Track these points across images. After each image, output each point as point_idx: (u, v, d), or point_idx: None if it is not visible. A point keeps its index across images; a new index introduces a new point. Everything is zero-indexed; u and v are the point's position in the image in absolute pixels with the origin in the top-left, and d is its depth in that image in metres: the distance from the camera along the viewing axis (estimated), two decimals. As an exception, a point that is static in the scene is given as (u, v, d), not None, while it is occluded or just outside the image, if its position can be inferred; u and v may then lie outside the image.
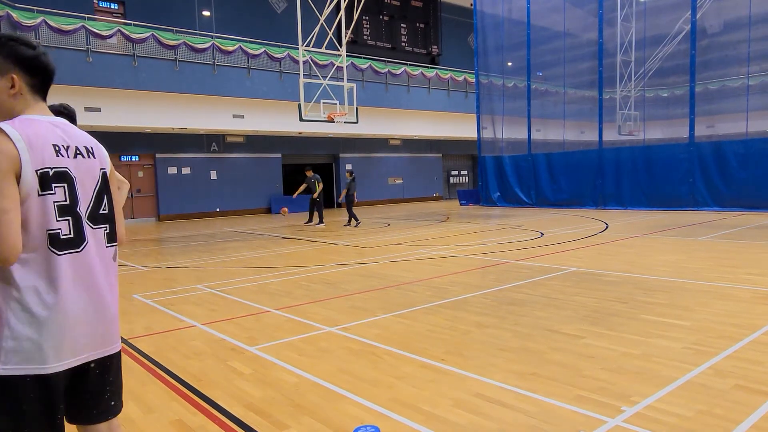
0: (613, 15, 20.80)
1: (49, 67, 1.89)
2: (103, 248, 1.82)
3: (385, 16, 26.54)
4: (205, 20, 21.31)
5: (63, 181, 1.70)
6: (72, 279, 1.71)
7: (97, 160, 1.85)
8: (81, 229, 1.74)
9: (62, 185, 1.70)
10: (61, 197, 1.69)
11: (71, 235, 1.71)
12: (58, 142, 1.74)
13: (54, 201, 1.67)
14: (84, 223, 1.76)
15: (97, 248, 1.79)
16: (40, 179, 1.63)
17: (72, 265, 1.71)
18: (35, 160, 1.63)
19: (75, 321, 1.71)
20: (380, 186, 27.57)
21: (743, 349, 3.91)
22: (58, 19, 16.11)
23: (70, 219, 1.71)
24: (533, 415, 3.00)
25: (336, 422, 3.01)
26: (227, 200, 22.40)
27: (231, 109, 20.15)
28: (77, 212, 1.74)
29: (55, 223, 1.67)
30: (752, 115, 17.74)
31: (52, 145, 1.71)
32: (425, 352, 4.12)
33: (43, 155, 1.66)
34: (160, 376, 3.86)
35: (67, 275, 1.69)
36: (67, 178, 1.72)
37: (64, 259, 1.68)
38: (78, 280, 1.72)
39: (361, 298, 6.14)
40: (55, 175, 1.68)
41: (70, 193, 1.72)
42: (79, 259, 1.73)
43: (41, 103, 1.86)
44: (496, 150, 22.69)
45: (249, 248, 11.23)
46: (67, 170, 1.72)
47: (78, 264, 1.73)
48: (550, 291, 6.09)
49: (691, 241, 9.94)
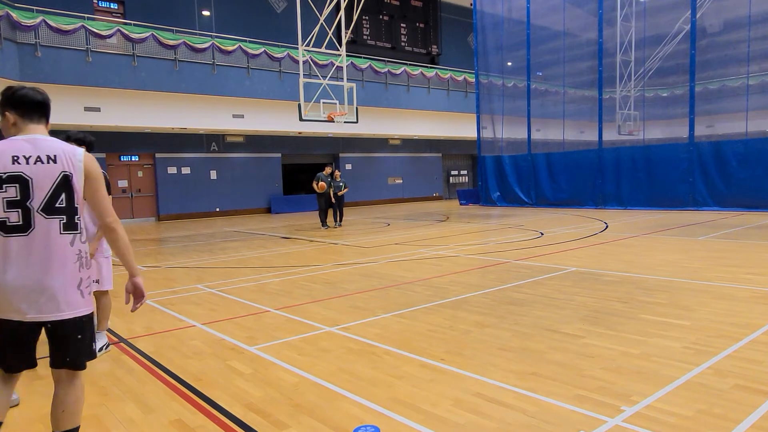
0: (613, 14, 20.80)
1: (25, 99, 2.41)
2: (57, 235, 2.32)
3: (385, 16, 26.54)
4: (204, 20, 21.30)
5: (14, 182, 2.26)
6: (16, 256, 2.27)
7: (58, 165, 2.34)
8: (30, 218, 2.28)
9: (14, 185, 2.26)
10: (12, 194, 2.26)
11: (20, 223, 2.27)
12: (19, 154, 2.30)
13: (3, 197, 2.25)
14: (34, 214, 2.29)
15: (48, 234, 2.30)
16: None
17: (19, 245, 2.27)
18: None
19: (13, 288, 2.26)
20: (380, 186, 27.57)
21: (743, 349, 3.91)
22: (58, 19, 16.10)
23: (20, 210, 2.27)
24: (533, 414, 3.00)
25: (336, 422, 3.01)
26: (227, 200, 22.39)
27: (231, 108, 20.15)
28: (27, 206, 2.27)
29: (3, 214, 2.26)
30: (752, 114, 17.75)
31: (12, 156, 2.28)
32: (425, 352, 4.12)
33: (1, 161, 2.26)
34: (160, 376, 3.86)
35: (12, 253, 2.27)
36: (20, 179, 2.27)
37: (12, 240, 2.27)
38: (20, 257, 2.27)
39: (361, 297, 6.14)
40: (7, 177, 2.26)
41: (22, 191, 2.27)
42: (25, 241, 2.28)
43: (30, 125, 2.42)
44: (496, 150, 22.69)
45: (249, 248, 11.23)
46: (21, 174, 2.28)
47: (23, 245, 2.27)
48: (550, 291, 6.09)
49: (690, 241, 9.95)
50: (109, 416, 3.22)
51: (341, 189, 15.21)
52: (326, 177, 14.79)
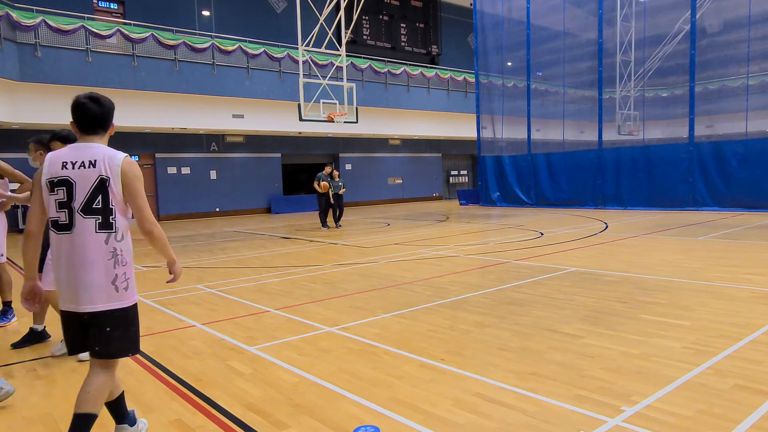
0: (613, 15, 20.80)
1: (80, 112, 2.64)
2: (92, 233, 2.53)
3: (385, 16, 26.54)
4: (204, 20, 21.31)
5: (63, 185, 2.53)
6: (65, 253, 2.53)
7: (97, 169, 2.55)
8: (73, 217, 2.52)
9: (62, 188, 2.53)
10: (61, 196, 2.53)
11: (66, 222, 2.53)
12: (67, 160, 2.56)
13: (55, 199, 2.53)
14: (75, 214, 2.52)
15: (85, 232, 2.53)
16: (48, 184, 2.55)
17: (65, 242, 2.53)
18: (47, 173, 2.55)
19: (63, 282, 2.54)
20: (380, 186, 27.57)
21: (743, 349, 3.91)
22: (58, 19, 16.10)
23: (66, 211, 2.53)
24: (533, 414, 3.00)
25: (336, 422, 3.01)
26: (227, 200, 22.39)
27: (230, 108, 20.15)
28: (71, 206, 2.53)
29: (55, 213, 2.54)
30: (752, 114, 17.74)
31: (62, 162, 2.56)
32: (425, 352, 4.12)
33: (53, 168, 2.55)
34: (160, 376, 3.86)
35: (63, 250, 2.54)
36: (66, 183, 2.53)
37: (62, 238, 2.54)
38: (67, 254, 2.53)
39: (361, 297, 6.14)
40: (58, 181, 2.54)
41: (68, 193, 2.53)
42: (70, 238, 2.53)
43: (86, 137, 2.66)
44: (496, 150, 22.69)
45: (249, 248, 11.23)
46: (68, 178, 2.53)
47: (68, 242, 2.53)
48: (550, 291, 6.09)
49: (690, 241, 9.95)
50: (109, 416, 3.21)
51: (340, 189, 15.15)
52: (326, 177, 14.77)
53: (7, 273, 5.69)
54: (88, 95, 2.66)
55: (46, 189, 2.54)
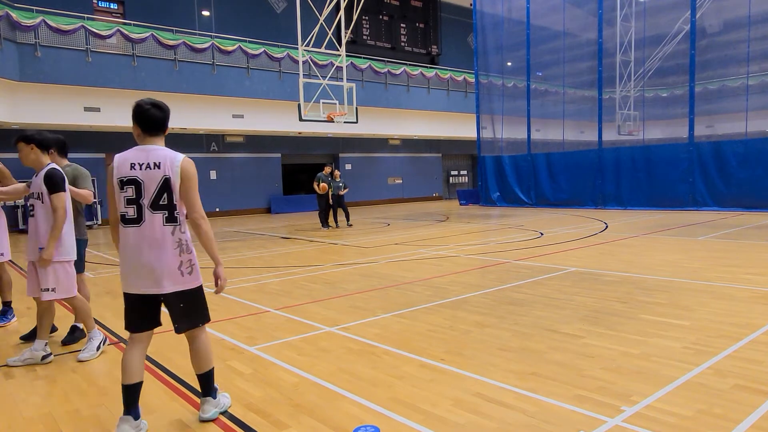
0: (613, 15, 20.80)
1: (148, 119, 3.00)
2: (160, 226, 2.92)
3: (385, 16, 26.54)
4: (204, 20, 21.31)
5: (132, 184, 2.89)
6: (132, 243, 2.91)
7: (161, 170, 2.92)
8: (142, 212, 2.90)
9: (131, 186, 2.89)
10: (130, 193, 2.90)
11: (135, 216, 2.90)
12: (135, 161, 2.92)
13: (124, 196, 2.90)
14: (145, 209, 2.90)
15: (154, 225, 2.91)
16: (118, 183, 2.91)
17: (134, 234, 2.91)
18: (117, 173, 2.92)
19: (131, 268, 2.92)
20: (380, 186, 27.57)
21: (743, 349, 3.91)
22: (58, 19, 16.10)
23: (135, 206, 2.89)
24: (533, 414, 3.00)
25: (336, 422, 3.01)
26: (227, 200, 22.39)
27: (230, 108, 20.15)
28: (140, 203, 2.89)
29: (124, 208, 2.90)
30: (752, 114, 17.74)
31: (131, 163, 2.92)
32: (425, 352, 4.12)
33: (123, 169, 2.91)
34: (160, 376, 3.86)
35: (130, 240, 2.91)
36: (135, 182, 2.90)
37: (129, 230, 2.91)
38: (135, 244, 2.90)
39: (361, 297, 6.14)
40: (127, 180, 2.90)
41: (136, 191, 2.90)
42: (138, 230, 2.90)
43: (149, 138, 3.02)
44: (496, 150, 22.69)
45: (249, 248, 11.23)
46: (136, 177, 2.90)
47: (136, 234, 2.90)
48: (550, 291, 6.09)
49: (690, 241, 9.95)
50: (109, 416, 3.21)
51: (341, 189, 15.11)
52: (326, 177, 14.74)
53: (7, 273, 5.69)
54: (151, 102, 3.01)
55: (117, 187, 2.91)
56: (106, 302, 6.42)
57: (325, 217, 14.89)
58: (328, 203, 14.96)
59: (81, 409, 3.34)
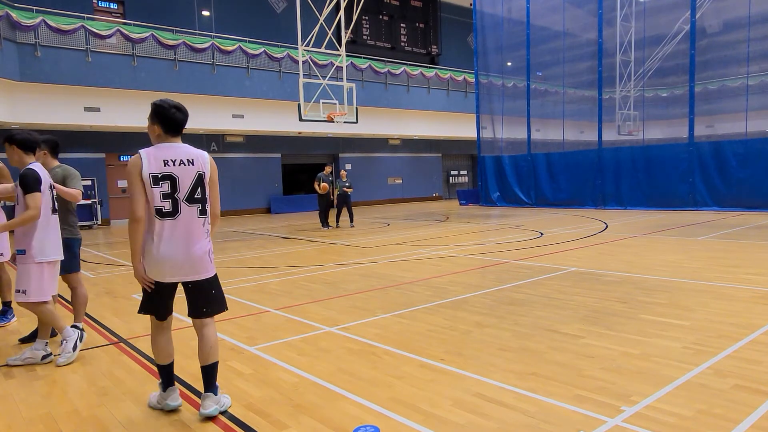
0: (613, 15, 20.79)
1: (173, 120, 3.15)
2: (195, 218, 3.13)
3: (385, 16, 26.54)
4: (204, 20, 21.30)
5: (167, 179, 3.04)
6: (168, 235, 3.06)
7: (195, 167, 3.14)
8: (177, 206, 3.07)
9: (167, 182, 3.04)
10: (166, 188, 3.04)
11: (170, 210, 3.06)
12: (168, 158, 3.07)
13: (159, 191, 3.03)
14: (181, 203, 3.07)
15: (190, 217, 3.11)
16: (152, 179, 3.02)
17: (170, 226, 3.07)
18: (149, 169, 3.02)
19: (165, 258, 3.06)
20: (380, 186, 27.57)
21: (743, 349, 3.91)
22: (58, 19, 16.10)
23: (171, 200, 3.05)
24: (533, 414, 3.00)
25: (335, 422, 3.01)
26: (227, 200, 22.35)
27: (230, 108, 20.15)
28: (176, 197, 3.06)
29: (160, 203, 3.04)
30: (751, 115, 17.73)
31: (163, 159, 3.06)
32: (425, 352, 4.12)
33: (154, 165, 3.04)
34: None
35: (165, 232, 3.06)
36: (170, 178, 3.05)
37: (165, 223, 3.06)
38: (170, 236, 3.06)
39: (361, 297, 6.14)
40: (162, 176, 3.04)
41: (172, 186, 3.05)
42: (174, 223, 3.07)
43: (171, 138, 3.18)
44: (496, 150, 22.69)
45: (248, 248, 11.23)
46: (171, 173, 3.06)
47: (172, 226, 3.07)
48: (550, 291, 6.09)
49: (690, 241, 9.95)
50: (109, 416, 3.22)
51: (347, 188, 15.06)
52: (327, 177, 14.74)
53: (7, 273, 5.69)
54: (174, 104, 3.16)
55: (149, 182, 3.01)
56: (106, 302, 6.41)
57: (325, 217, 14.89)
58: (329, 203, 14.94)
59: (81, 409, 3.34)
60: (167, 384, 3.25)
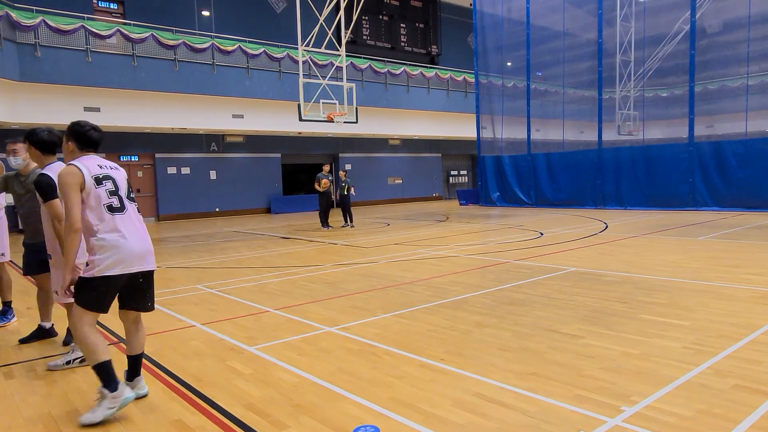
0: (613, 15, 20.79)
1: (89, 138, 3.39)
2: (137, 213, 3.42)
3: (385, 16, 26.53)
4: (204, 20, 21.30)
5: (108, 179, 3.29)
6: (129, 226, 3.28)
7: (121, 172, 3.44)
8: (123, 202, 3.31)
9: (109, 180, 3.29)
10: (110, 186, 3.28)
11: (119, 205, 3.28)
12: (99, 163, 3.34)
13: (105, 189, 3.25)
14: (124, 200, 3.33)
15: (134, 213, 3.38)
16: (95, 180, 3.22)
17: (125, 219, 3.28)
18: (91, 172, 3.22)
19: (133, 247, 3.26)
20: (379, 186, 27.56)
21: (743, 349, 3.91)
22: (58, 19, 16.09)
23: (117, 197, 3.29)
24: (533, 414, 3.00)
25: (335, 422, 3.01)
26: (227, 200, 22.39)
27: (230, 108, 20.14)
28: (120, 194, 3.31)
29: (108, 200, 3.24)
30: (751, 115, 17.74)
31: (97, 164, 3.31)
32: (425, 352, 4.12)
33: (93, 169, 3.25)
34: (160, 377, 3.86)
35: (125, 224, 3.26)
36: (110, 177, 3.31)
37: (116, 217, 3.25)
38: (132, 226, 3.30)
39: (361, 297, 6.14)
40: (103, 176, 3.27)
41: (114, 184, 3.30)
42: (126, 216, 3.30)
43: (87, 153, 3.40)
44: (496, 150, 22.69)
45: (248, 248, 11.23)
46: (109, 174, 3.32)
47: (128, 219, 3.30)
48: (550, 291, 6.09)
49: (690, 241, 9.95)
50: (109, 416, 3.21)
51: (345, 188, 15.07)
52: (325, 175, 14.72)
53: (7, 273, 5.69)
54: (91, 126, 3.40)
55: (92, 185, 3.19)
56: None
57: (326, 217, 14.88)
58: (329, 203, 14.94)
59: (81, 409, 3.34)
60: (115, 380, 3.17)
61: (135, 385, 3.45)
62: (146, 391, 3.49)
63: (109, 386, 3.12)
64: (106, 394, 3.13)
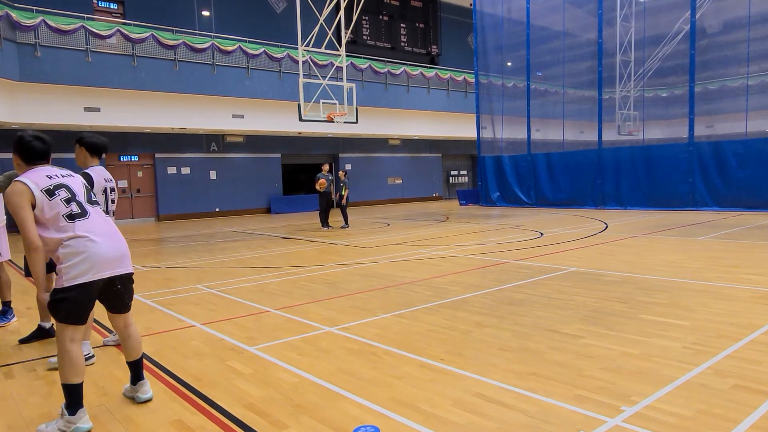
0: (613, 15, 20.79)
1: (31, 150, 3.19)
2: (104, 215, 3.28)
3: (385, 16, 26.53)
4: (204, 20, 21.30)
5: (61, 188, 3.10)
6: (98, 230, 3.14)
7: (75, 178, 3.28)
8: (83, 207, 3.15)
9: (62, 189, 3.10)
10: (65, 194, 3.10)
11: (79, 211, 3.11)
12: (48, 174, 3.13)
13: (60, 198, 3.07)
14: (84, 204, 3.17)
15: (99, 216, 3.22)
16: (46, 192, 3.03)
17: (90, 224, 3.12)
18: (39, 185, 3.03)
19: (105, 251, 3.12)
20: (380, 186, 27.57)
21: (743, 349, 3.91)
22: (58, 19, 16.09)
23: (75, 203, 3.12)
24: (533, 414, 3.00)
25: (335, 422, 3.01)
26: (227, 200, 22.39)
27: (230, 109, 20.15)
28: (78, 200, 3.15)
29: (65, 208, 3.06)
30: (751, 115, 17.74)
31: (45, 175, 3.11)
32: (425, 352, 4.12)
33: (41, 182, 3.05)
34: (160, 377, 3.86)
35: (93, 229, 3.11)
36: (63, 185, 3.12)
37: (78, 223, 3.08)
38: (101, 230, 3.16)
39: (361, 297, 6.14)
40: (54, 186, 3.08)
41: (69, 191, 3.13)
42: (91, 221, 3.14)
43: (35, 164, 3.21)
44: (496, 150, 22.69)
45: (248, 248, 11.23)
46: (61, 182, 3.13)
47: (94, 223, 3.14)
48: (550, 291, 6.09)
49: (690, 241, 9.95)
50: (109, 416, 3.21)
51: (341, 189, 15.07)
52: (325, 175, 14.71)
53: (6, 273, 5.69)
54: (35, 135, 3.21)
55: (44, 198, 3.01)
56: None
57: (326, 217, 14.89)
58: (329, 203, 14.94)
59: (81, 409, 3.34)
60: (78, 405, 3.02)
61: (138, 389, 3.40)
62: (150, 395, 3.42)
63: (69, 408, 2.99)
64: (64, 414, 3.00)
